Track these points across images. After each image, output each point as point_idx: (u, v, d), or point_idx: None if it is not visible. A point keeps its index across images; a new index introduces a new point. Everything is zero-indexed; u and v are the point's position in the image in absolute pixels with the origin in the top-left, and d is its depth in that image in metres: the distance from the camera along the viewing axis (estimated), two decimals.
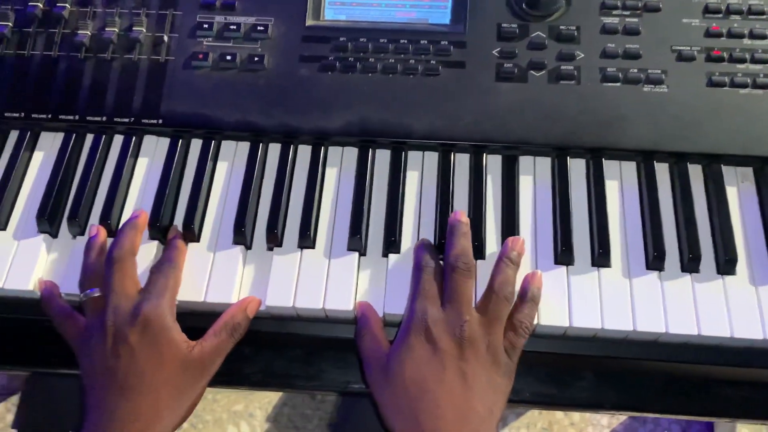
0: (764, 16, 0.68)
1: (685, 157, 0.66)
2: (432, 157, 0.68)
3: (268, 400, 1.47)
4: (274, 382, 0.67)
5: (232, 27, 0.70)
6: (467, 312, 0.57)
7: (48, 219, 0.65)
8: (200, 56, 0.69)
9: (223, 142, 0.69)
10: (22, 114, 0.69)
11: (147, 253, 0.64)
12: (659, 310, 0.60)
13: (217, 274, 0.63)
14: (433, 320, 0.56)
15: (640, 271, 0.62)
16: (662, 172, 0.67)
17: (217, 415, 1.46)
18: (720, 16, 0.68)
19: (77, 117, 0.69)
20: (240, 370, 0.67)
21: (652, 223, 0.63)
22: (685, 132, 0.65)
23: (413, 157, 0.68)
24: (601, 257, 0.62)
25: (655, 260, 0.62)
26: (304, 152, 0.69)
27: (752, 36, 0.67)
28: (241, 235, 0.64)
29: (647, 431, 1.40)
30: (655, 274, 0.62)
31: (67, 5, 0.72)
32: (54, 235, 0.66)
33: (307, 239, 0.64)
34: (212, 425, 1.44)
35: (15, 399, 1.46)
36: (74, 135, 0.70)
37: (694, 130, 0.65)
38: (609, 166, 0.67)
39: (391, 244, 0.63)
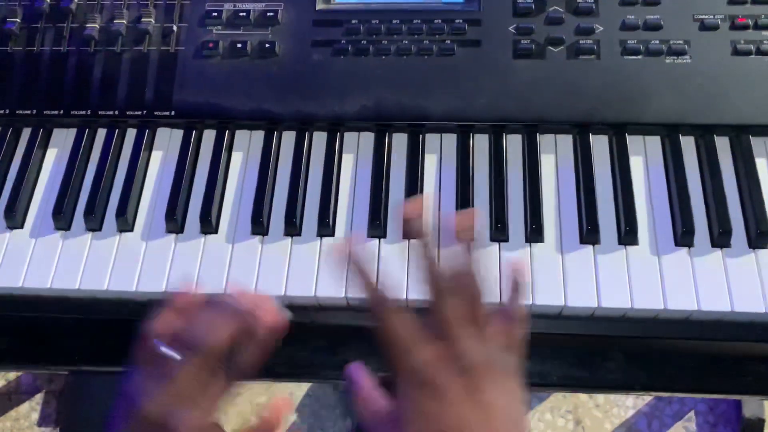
0: None
1: (712, 130, 0.64)
2: (450, 139, 0.67)
3: (290, 391, 1.47)
4: (299, 372, 0.66)
5: (241, 14, 0.69)
6: (458, 335, 0.46)
7: (64, 216, 0.64)
8: (210, 45, 0.68)
9: (237, 132, 0.68)
10: (34, 111, 0.68)
11: (163, 247, 0.63)
12: (690, 287, 0.59)
13: (237, 266, 0.62)
14: (426, 364, 0.45)
15: (668, 248, 0.60)
16: (688, 145, 0.65)
17: (240, 408, 1.46)
18: None
19: (89, 112, 0.68)
20: (264, 362, 0.66)
21: (680, 198, 0.61)
22: (711, 103, 0.64)
23: (431, 139, 0.67)
24: (627, 235, 0.60)
25: (684, 236, 0.60)
26: (320, 139, 0.67)
27: None
28: (260, 226, 0.63)
29: (673, 411, 1.39)
30: (684, 250, 0.60)
31: None
32: (71, 231, 0.65)
33: (326, 227, 0.63)
34: (235, 417, 1.44)
35: (39, 398, 1.46)
36: (87, 130, 0.69)
37: (720, 101, 0.63)
38: (633, 142, 0.65)
39: None
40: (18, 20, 0.70)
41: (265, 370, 0.66)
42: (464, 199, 0.63)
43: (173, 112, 0.67)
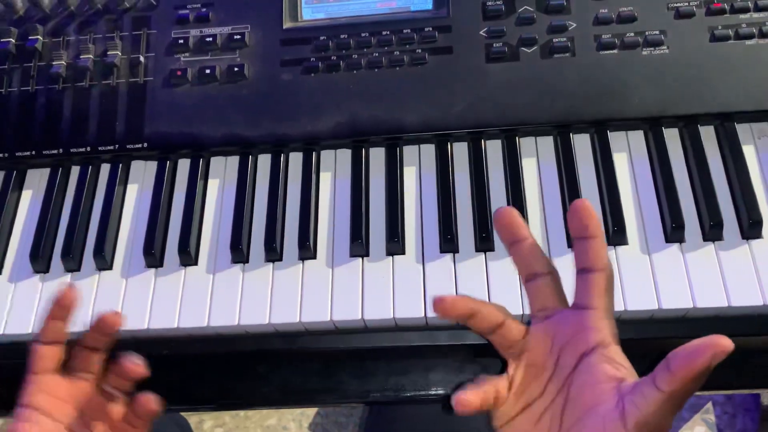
0: None
1: (695, 119, 0.62)
2: (429, 150, 0.65)
3: (300, 411, 1.45)
4: (294, 398, 0.65)
5: (208, 39, 0.68)
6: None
7: (42, 258, 0.63)
8: (179, 73, 0.67)
9: (212, 159, 0.67)
10: (6, 154, 0.67)
11: (144, 283, 0.62)
12: (684, 284, 0.57)
13: (219, 297, 0.60)
14: None
15: (659, 245, 0.59)
16: (672, 137, 0.63)
17: None
18: None
19: (61, 150, 0.67)
20: (257, 390, 0.65)
21: (667, 192, 0.60)
22: (693, 92, 0.62)
23: (409, 151, 0.65)
24: (616, 235, 0.59)
25: (674, 232, 0.58)
26: (296, 159, 0.66)
27: None
28: (239, 254, 0.61)
29: (690, 404, 1.36)
30: (675, 246, 0.58)
31: (39, 37, 0.70)
32: (50, 273, 0.64)
33: (307, 250, 0.61)
34: None
35: None
36: (60, 169, 0.68)
37: (702, 89, 0.62)
38: (615, 138, 0.63)
39: (395, 244, 0.60)
40: None
41: (258, 398, 0.66)
42: (446, 210, 0.61)
43: (146, 144, 0.66)
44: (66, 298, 0.51)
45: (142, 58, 0.68)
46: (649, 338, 0.58)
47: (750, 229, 0.58)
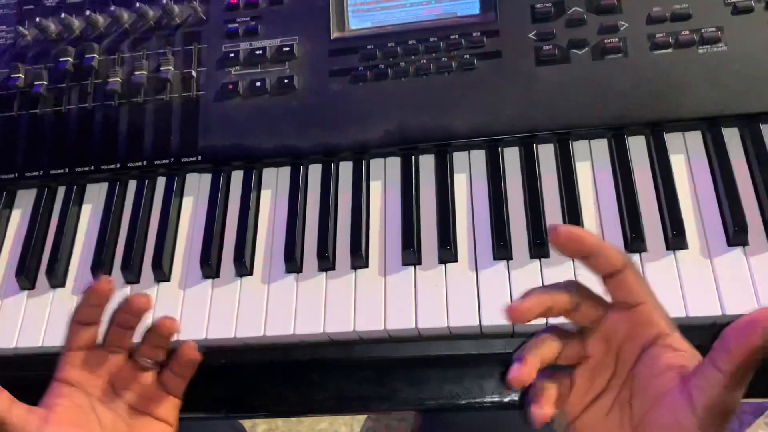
0: None
1: (756, 119, 0.60)
2: (479, 156, 0.65)
3: (351, 415, 1.46)
4: (348, 405, 0.65)
5: (258, 52, 0.69)
6: None
7: (103, 271, 0.65)
8: (230, 86, 0.68)
9: (264, 170, 0.68)
10: (66, 170, 0.69)
11: (201, 294, 0.63)
12: (748, 288, 0.55)
13: (274, 307, 0.61)
14: None
15: (721, 248, 0.57)
16: (733, 137, 0.61)
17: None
18: None
19: (118, 165, 0.69)
20: (311, 397, 0.65)
21: (728, 194, 0.58)
22: (753, 90, 0.60)
23: (459, 158, 0.65)
24: (675, 239, 0.57)
25: (736, 235, 0.56)
26: (346, 168, 0.66)
27: None
28: (293, 263, 0.62)
29: (752, 408, 1.32)
30: (738, 249, 0.56)
31: (95, 55, 0.72)
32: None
33: (359, 259, 0.61)
34: None
35: None
36: (118, 183, 0.70)
37: (763, 87, 0.60)
38: (672, 139, 0.62)
39: (447, 251, 0.60)
40: (44, 82, 0.72)
41: (312, 405, 0.66)
42: (498, 216, 0.61)
43: (200, 157, 0.67)
44: (100, 289, 0.53)
45: (194, 73, 0.70)
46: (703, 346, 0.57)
47: None
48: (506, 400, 0.62)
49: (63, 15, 0.73)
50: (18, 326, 0.65)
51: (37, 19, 0.73)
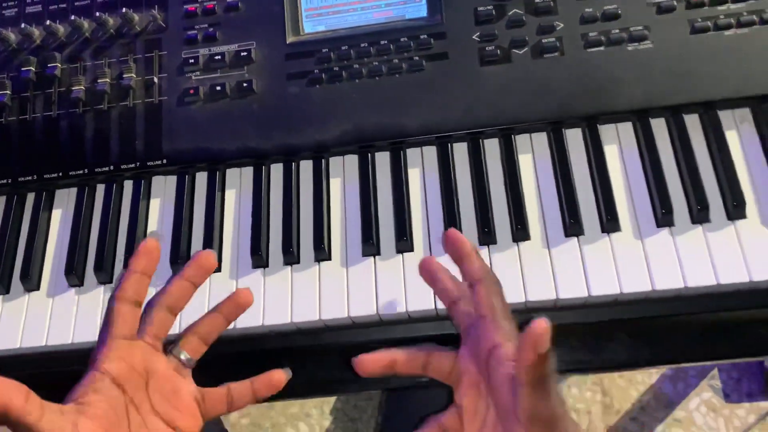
0: None
1: (681, 109, 0.66)
2: (431, 151, 0.69)
3: (321, 398, 1.50)
4: (318, 389, 0.70)
5: (217, 57, 0.72)
6: None
7: (76, 273, 0.68)
8: (191, 91, 0.71)
9: (228, 171, 0.71)
10: (35, 176, 0.72)
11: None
12: (675, 265, 0.61)
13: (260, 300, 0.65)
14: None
15: (651, 230, 0.63)
16: (659, 127, 0.67)
17: (274, 420, 1.50)
18: None
19: (86, 170, 0.71)
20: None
21: (656, 180, 0.64)
22: (677, 84, 0.65)
23: (412, 154, 0.69)
24: (610, 223, 0.63)
25: (664, 216, 0.62)
26: (307, 167, 0.70)
27: None
28: (260, 259, 0.66)
29: (697, 371, 1.41)
30: (666, 230, 0.62)
31: (58, 64, 0.74)
32: (84, 287, 0.68)
33: (322, 252, 0.66)
34: (272, 430, 1.48)
35: None
36: (86, 188, 0.72)
37: (685, 80, 0.65)
38: (605, 131, 0.67)
39: (404, 242, 0.65)
40: (8, 92, 0.74)
41: (287, 390, 0.70)
42: (449, 208, 0.66)
43: (165, 160, 0.70)
44: (148, 248, 0.52)
45: (155, 79, 0.72)
46: (649, 317, 0.63)
47: (734, 211, 0.62)
48: None
49: (23, 25, 0.74)
50: None
51: None
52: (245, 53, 0.71)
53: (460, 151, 0.69)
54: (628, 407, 1.40)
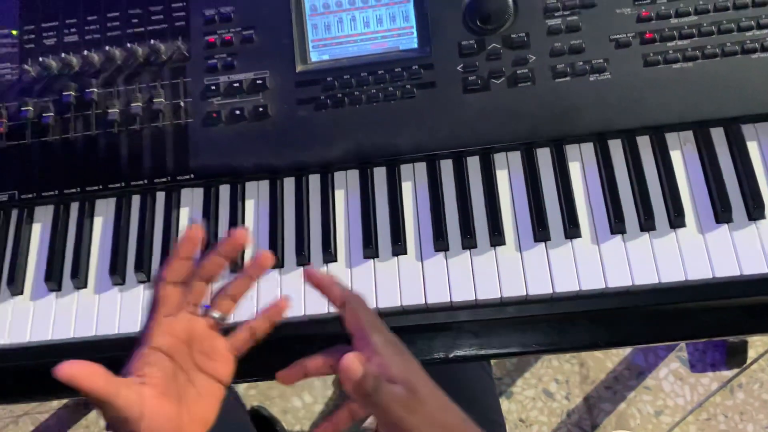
0: None
1: (634, 132, 0.77)
2: (421, 167, 0.81)
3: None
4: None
5: (235, 84, 0.82)
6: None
7: (119, 273, 0.80)
8: (214, 115, 0.82)
9: (247, 184, 0.83)
10: (78, 189, 0.83)
11: None
12: (624, 266, 0.73)
13: (264, 296, 0.77)
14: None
15: (606, 236, 0.75)
16: (616, 147, 0.78)
17: (281, 390, 1.63)
18: (648, 1, 0.78)
19: (123, 184, 0.82)
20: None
21: (611, 193, 0.75)
22: (630, 110, 0.77)
23: (405, 169, 0.81)
24: (572, 230, 0.74)
25: (617, 225, 0.74)
26: (315, 180, 0.82)
27: (678, 15, 0.77)
28: (277, 260, 0.77)
29: (665, 345, 1.54)
30: (618, 237, 0.74)
31: (94, 89, 0.84)
32: (125, 285, 0.80)
33: (330, 255, 0.77)
34: (279, 400, 1.62)
35: None
36: (123, 199, 0.84)
37: (638, 107, 0.77)
38: (570, 150, 0.79)
39: (398, 246, 0.77)
40: (52, 114, 0.84)
41: (268, 372, 0.82)
42: (437, 216, 0.77)
43: (192, 175, 0.81)
44: (192, 234, 0.60)
45: (182, 103, 0.83)
46: (608, 309, 0.75)
47: (676, 220, 0.74)
48: (450, 355, 0.80)
49: (63, 55, 0.85)
50: (51, 322, 0.80)
51: (40, 59, 0.85)
52: (260, 81, 0.82)
53: (446, 167, 0.80)
54: (603, 377, 1.54)
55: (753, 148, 0.76)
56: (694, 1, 0.77)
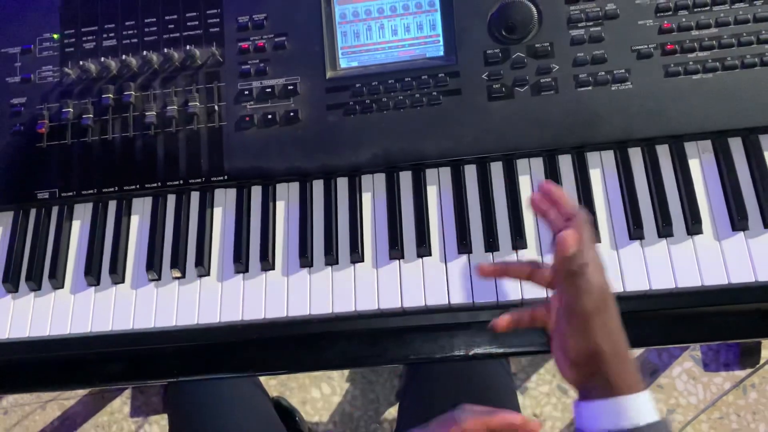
0: (707, 8, 0.80)
1: (653, 140, 0.80)
2: (446, 172, 0.83)
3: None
4: (350, 362, 0.86)
5: (267, 90, 0.85)
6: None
7: (155, 269, 0.83)
8: (247, 119, 0.85)
9: (278, 185, 0.86)
10: (116, 188, 0.87)
11: (233, 285, 0.82)
12: (642, 271, 0.75)
13: (294, 292, 0.80)
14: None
15: (624, 241, 0.77)
16: (636, 155, 0.81)
17: (300, 381, 1.67)
18: (670, 13, 0.80)
19: (159, 184, 0.86)
20: (321, 357, 0.85)
21: (630, 200, 0.78)
22: (651, 119, 0.79)
23: (430, 174, 0.84)
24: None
25: (635, 231, 0.77)
26: (343, 184, 0.85)
27: (698, 27, 0.80)
28: (306, 260, 0.81)
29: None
30: (636, 242, 0.77)
31: (132, 93, 0.88)
32: (161, 281, 0.84)
33: (357, 255, 0.81)
34: (298, 390, 1.66)
35: (127, 393, 1.70)
36: (159, 198, 0.87)
37: (658, 116, 0.79)
38: (591, 157, 0.81)
39: (423, 248, 0.80)
40: (91, 116, 0.88)
41: (323, 362, 0.86)
42: (461, 218, 0.80)
43: (226, 177, 0.85)
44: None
45: (216, 107, 0.86)
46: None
47: (693, 227, 0.76)
48: (470, 353, 0.83)
49: (102, 59, 0.88)
50: (90, 314, 0.83)
51: (80, 62, 0.89)
52: (291, 86, 0.85)
53: (470, 172, 0.83)
54: None
55: None
56: (714, 13, 0.79)
